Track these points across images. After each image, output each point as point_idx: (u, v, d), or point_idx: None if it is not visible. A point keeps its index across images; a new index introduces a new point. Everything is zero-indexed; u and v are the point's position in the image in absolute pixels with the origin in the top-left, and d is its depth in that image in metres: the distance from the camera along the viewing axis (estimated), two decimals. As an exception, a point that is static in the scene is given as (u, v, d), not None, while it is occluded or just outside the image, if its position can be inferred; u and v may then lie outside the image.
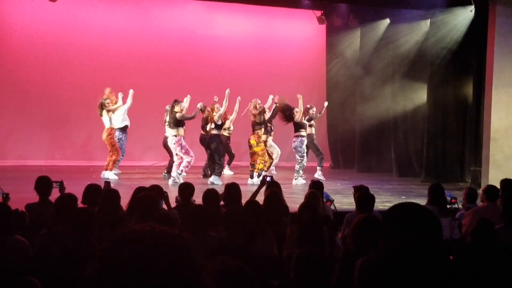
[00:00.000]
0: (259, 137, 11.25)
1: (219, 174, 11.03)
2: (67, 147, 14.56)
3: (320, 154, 12.29)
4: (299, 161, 11.42)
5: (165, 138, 11.43)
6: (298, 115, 11.37)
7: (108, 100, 11.53)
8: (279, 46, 15.92)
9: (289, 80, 15.82)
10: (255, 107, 11.26)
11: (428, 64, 12.39)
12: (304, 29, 16.11)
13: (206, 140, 11.72)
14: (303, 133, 11.52)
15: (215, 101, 11.86)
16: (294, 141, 11.49)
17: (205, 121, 12.02)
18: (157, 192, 5.71)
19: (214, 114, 11.47)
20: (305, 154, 11.56)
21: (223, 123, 11.67)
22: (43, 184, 5.75)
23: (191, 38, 15.31)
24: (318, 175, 11.93)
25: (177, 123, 10.97)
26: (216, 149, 11.32)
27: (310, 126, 12.10)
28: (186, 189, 6.07)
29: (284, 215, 5.59)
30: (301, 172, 11.43)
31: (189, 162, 11.00)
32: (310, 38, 16.21)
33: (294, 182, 11.29)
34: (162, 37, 15.14)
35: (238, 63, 15.54)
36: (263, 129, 11.32)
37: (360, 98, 14.43)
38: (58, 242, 4.15)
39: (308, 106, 12.24)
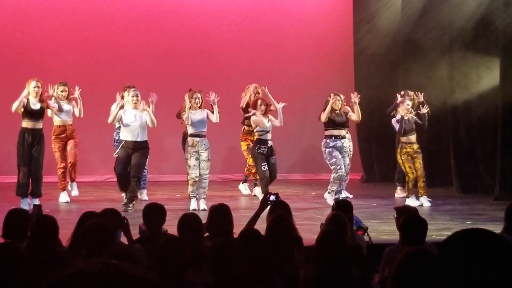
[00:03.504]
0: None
1: None
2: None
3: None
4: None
5: None
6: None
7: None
8: (287, 9, 15.96)
9: (301, 56, 15.83)
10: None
11: (501, 31, 12.38)
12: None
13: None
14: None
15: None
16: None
17: None
18: (113, 219, 5.70)
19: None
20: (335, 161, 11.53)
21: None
22: None
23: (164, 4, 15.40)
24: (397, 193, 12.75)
25: None
26: None
27: None
28: (154, 213, 6.05)
29: (296, 250, 5.58)
30: (334, 186, 11.47)
31: None
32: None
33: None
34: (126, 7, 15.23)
35: (232, 33, 15.62)
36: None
37: (402, 81, 14.40)
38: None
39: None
